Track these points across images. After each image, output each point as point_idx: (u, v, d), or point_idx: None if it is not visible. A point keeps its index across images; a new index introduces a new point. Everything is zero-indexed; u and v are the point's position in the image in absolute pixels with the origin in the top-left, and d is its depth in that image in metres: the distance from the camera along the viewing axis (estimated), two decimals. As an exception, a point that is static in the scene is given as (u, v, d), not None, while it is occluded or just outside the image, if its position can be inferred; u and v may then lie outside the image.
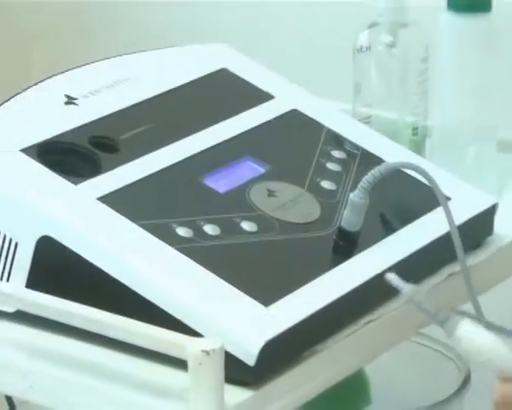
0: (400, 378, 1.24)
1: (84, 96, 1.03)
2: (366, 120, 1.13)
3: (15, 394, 0.96)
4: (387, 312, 0.92)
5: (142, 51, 1.15)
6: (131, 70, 1.11)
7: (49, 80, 1.06)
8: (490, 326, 0.89)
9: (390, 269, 0.92)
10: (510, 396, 0.79)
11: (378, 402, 1.28)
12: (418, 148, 1.14)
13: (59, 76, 1.07)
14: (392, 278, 0.85)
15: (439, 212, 0.96)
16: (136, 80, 1.10)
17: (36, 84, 1.06)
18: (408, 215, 1.01)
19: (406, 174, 0.99)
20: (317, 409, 1.15)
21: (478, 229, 1.06)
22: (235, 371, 0.82)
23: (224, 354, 0.79)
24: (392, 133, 1.13)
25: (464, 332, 0.80)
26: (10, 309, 0.92)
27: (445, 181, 1.03)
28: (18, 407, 1.19)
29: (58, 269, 0.90)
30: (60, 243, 0.88)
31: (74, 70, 1.09)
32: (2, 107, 1.01)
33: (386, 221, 1.01)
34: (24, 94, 1.04)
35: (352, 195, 0.93)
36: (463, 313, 0.89)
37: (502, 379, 0.78)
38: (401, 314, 0.90)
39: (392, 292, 0.90)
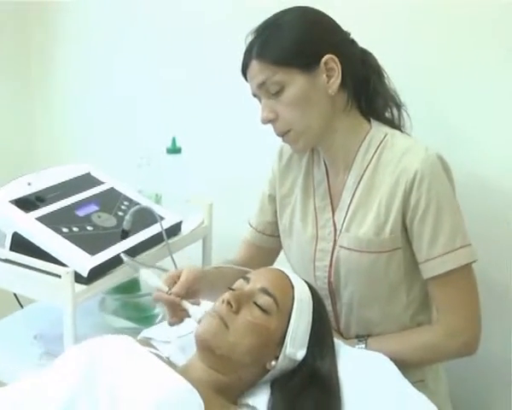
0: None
1: (35, 182, 1.34)
2: (141, 193, 1.47)
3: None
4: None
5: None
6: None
7: (21, 178, 1.34)
8: (156, 268, 1.20)
9: (135, 247, 1.25)
10: (159, 296, 1.07)
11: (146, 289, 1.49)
12: (158, 202, 1.49)
13: (27, 175, 1.33)
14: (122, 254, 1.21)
15: (162, 222, 1.28)
16: (49, 181, 1.34)
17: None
18: (147, 223, 1.33)
19: (150, 210, 1.31)
20: (117, 293, 1.45)
21: (177, 229, 1.40)
22: (81, 279, 1.19)
23: (74, 273, 1.15)
24: (152, 197, 1.46)
25: (141, 273, 1.15)
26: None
27: (163, 212, 1.36)
28: (24, 305, 1.45)
29: (16, 241, 1.22)
30: (19, 234, 1.22)
31: (35, 173, 1.34)
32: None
33: (140, 226, 1.31)
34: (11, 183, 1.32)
35: (126, 217, 1.29)
36: (145, 266, 1.15)
37: (156, 290, 1.10)
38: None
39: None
